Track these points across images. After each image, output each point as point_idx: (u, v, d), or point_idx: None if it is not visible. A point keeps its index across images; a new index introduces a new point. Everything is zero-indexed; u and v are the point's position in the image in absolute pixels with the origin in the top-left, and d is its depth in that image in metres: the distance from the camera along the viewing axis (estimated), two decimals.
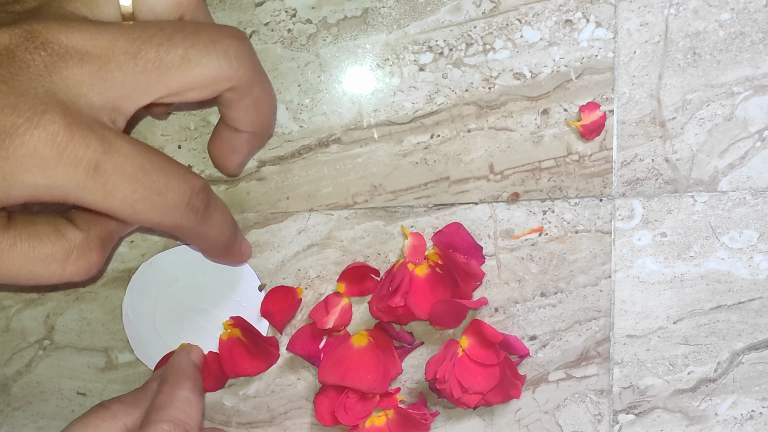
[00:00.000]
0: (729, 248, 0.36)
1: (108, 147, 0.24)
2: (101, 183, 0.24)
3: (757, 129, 0.35)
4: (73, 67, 0.24)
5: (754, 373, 0.37)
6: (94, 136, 0.24)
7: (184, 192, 0.26)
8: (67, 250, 0.27)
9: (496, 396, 0.35)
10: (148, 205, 0.25)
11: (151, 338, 0.36)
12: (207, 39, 0.26)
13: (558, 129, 0.34)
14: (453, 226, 0.35)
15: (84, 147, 0.23)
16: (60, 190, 0.24)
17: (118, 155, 0.24)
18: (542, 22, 0.34)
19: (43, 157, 0.23)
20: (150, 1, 0.26)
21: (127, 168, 0.24)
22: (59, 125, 0.23)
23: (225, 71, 0.26)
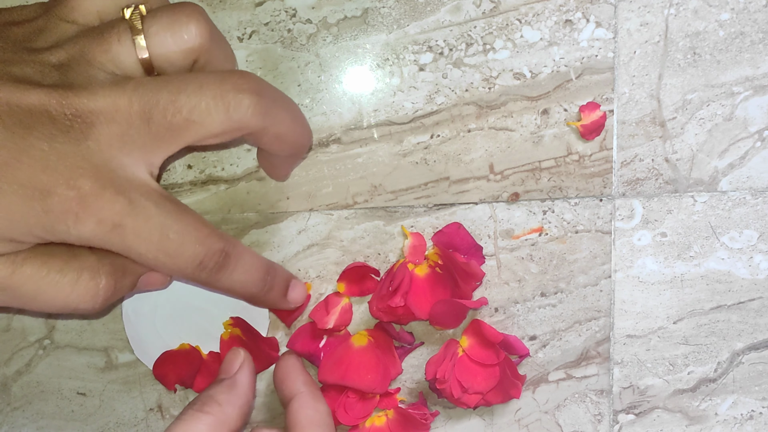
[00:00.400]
0: (729, 248, 0.36)
1: (132, 209, 0.27)
2: (121, 239, 0.27)
3: (757, 129, 0.35)
4: (102, 132, 0.26)
5: (754, 373, 0.37)
6: (121, 198, 0.26)
7: (195, 256, 0.28)
8: (77, 270, 0.28)
9: (496, 396, 0.35)
10: (159, 264, 0.28)
11: (151, 338, 0.36)
12: (210, 95, 0.27)
13: (558, 129, 0.34)
14: (453, 226, 0.35)
15: (109, 208, 0.26)
16: (86, 240, 0.27)
17: (139, 217, 0.27)
18: (542, 22, 0.34)
19: (76, 214, 0.26)
20: (164, 50, 0.28)
21: (144, 230, 0.27)
22: (90, 188, 0.26)
23: (231, 125, 0.28)
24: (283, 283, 0.33)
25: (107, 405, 0.37)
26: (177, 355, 0.36)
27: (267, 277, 0.32)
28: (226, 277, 0.30)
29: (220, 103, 0.27)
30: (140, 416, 0.37)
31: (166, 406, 0.37)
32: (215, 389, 0.31)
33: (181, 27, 0.28)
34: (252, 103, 0.28)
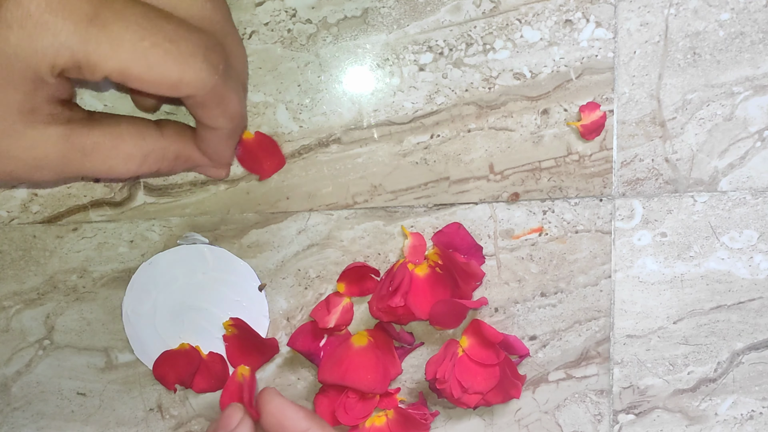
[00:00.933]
0: (729, 248, 0.36)
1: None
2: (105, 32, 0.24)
3: (757, 129, 0.35)
4: None
5: (754, 373, 0.37)
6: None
7: (197, 42, 0.26)
8: (146, 153, 0.29)
9: (496, 396, 0.35)
10: (161, 53, 0.25)
11: (151, 338, 0.36)
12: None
13: (558, 129, 0.34)
14: (453, 226, 0.35)
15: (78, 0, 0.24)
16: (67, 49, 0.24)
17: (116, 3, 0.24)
18: (542, 22, 0.34)
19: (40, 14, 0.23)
20: None
21: (128, 15, 0.25)
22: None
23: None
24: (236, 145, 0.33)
25: (107, 405, 0.37)
26: (177, 355, 0.36)
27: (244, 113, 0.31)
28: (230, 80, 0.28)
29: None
30: (140, 416, 0.37)
31: (166, 406, 0.37)
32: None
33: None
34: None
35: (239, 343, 0.35)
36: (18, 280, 0.36)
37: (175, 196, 0.35)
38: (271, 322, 0.36)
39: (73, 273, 0.36)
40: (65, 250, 0.35)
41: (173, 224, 0.35)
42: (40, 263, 0.35)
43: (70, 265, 0.35)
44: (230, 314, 0.36)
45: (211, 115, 0.28)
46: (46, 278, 0.36)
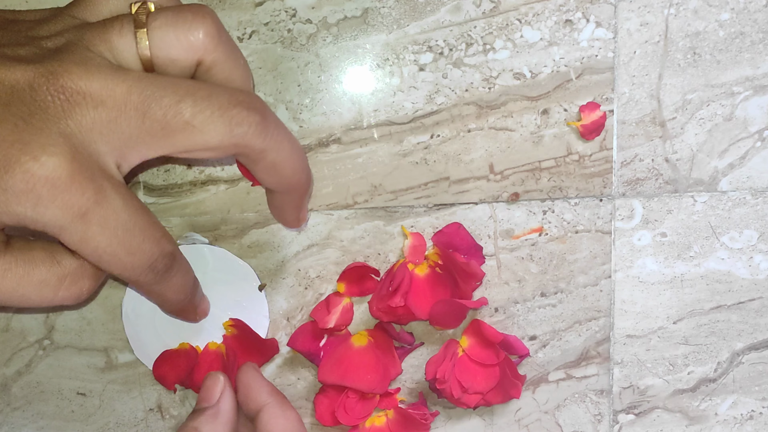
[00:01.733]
0: (729, 248, 0.36)
1: (101, 198, 0.25)
2: (82, 230, 0.25)
3: (757, 129, 0.35)
4: (87, 113, 0.25)
5: (754, 373, 0.37)
6: (92, 185, 0.25)
7: (151, 254, 0.27)
8: (61, 277, 0.28)
9: (496, 396, 0.35)
10: (114, 260, 0.26)
11: (150, 338, 0.36)
12: (216, 106, 0.26)
13: (558, 129, 0.34)
14: (453, 226, 0.35)
15: (79, 194, 0.24)
16: (43, 225, 0.25)
17: (107, 208, 0.25)
18: (542, 22, 0.34)
19: (38, 195, 0.24)
20: (166, 47, 0.26)
21: (110, 222, 0.25)
22: (63, 169, 0.24)
23: (228, 140, 0.26)
24: (200, 294, 0.33)
25: (107, 405, 0.37)
26: (176, 355, 0.36)
27: (195, 283, 0.31)
28: (168, 280, 0.29)
29: (225, 116, 0.26)
30: (140, 416, 0.37)
31: (166, 406, 0.37)
32: (199, 420, 0.31)
33: (185, 24, 0.26)
34: (256, 122, 0.27)
35: (239, 343, 0.35)
36: None
37: (175, 196, 0.35)
38: (271, 322, 0.36)
39: None
40: None
41: (173, 224, 0.35)
42: None
43: None
44: (230, 314, 0.36)
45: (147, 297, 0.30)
46: None
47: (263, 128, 0.27)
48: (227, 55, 0.28)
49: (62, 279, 0.28)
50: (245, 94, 0.27)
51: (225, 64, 0.28)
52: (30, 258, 0.27)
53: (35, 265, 0.27)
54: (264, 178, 0.29)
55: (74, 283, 0.28)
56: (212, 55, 0.27)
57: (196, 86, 0.26)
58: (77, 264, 0.28)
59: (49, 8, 0.29)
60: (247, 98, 0.27)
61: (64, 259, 0.28)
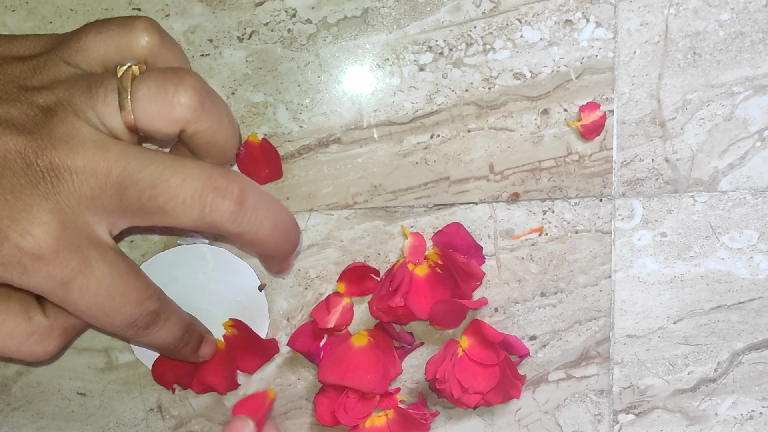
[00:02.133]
0: (729, 248, 0.36)
1: (85, 268, 0.26)
2: (64, 295, 0.26)
3: (757, 129, 0.35)
4: (74, 189, 0.26)
5: (754, 373, 0.37)
6: (77, 257, 0.26)
7: (131, 316, 0.28)
8: (29, 333, 0.29)
9: (496, 396, 0.35)
10: (94, 320, 0.28)
11: None
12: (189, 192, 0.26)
13: (558, 129, 0.34)
14: (453, 226, 0.35)
15: (63, 266, 0.26)
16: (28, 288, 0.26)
17: (90, 277, 0.26)
18: (542, 22, 0.34)
19: (25, 267, 0.25)
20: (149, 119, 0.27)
21: (92, 289, 0.27)
22: (48, 246, 0.25)
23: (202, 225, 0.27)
24: (197, 340, 0.33)
25: (107, 405, 0.37)
26: None
27: (185, 334, 0.32)
28: (150, 335, 0.30)
29: (198, 203, 0.26)
30: (140, 416, 0.37)
31: (166, 407, 0.37)
32: None
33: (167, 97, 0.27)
34: (230, 211, 0.27)
35: (239, 343, 0.35)
36: None
37: None
38: (271, 322, 0.36)
39: None
40: None
41: None
42: None
43: None
44: (230, 314, 0.36)
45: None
46: None
47: (237, 215, 0.27)
48: (210, 123, 0.28)
49: (30, 335, 0.29)
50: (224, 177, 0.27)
51: (207, 131, 0.28)
52: (5, 308, 0.29)
53: (7, 315, 0.29)
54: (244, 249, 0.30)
55: (40, 342, 0.30)
56: (194, 126, 0.28)
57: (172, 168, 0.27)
58: (47, 324, 0.29)
59: (41, 37, 0.29)
60: (224, 183, 0.27)
61: (36, 316, 0.29)
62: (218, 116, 0.28)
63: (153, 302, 0.29)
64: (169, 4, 0.34)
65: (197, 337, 0.33)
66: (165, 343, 0.31)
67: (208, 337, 0.34)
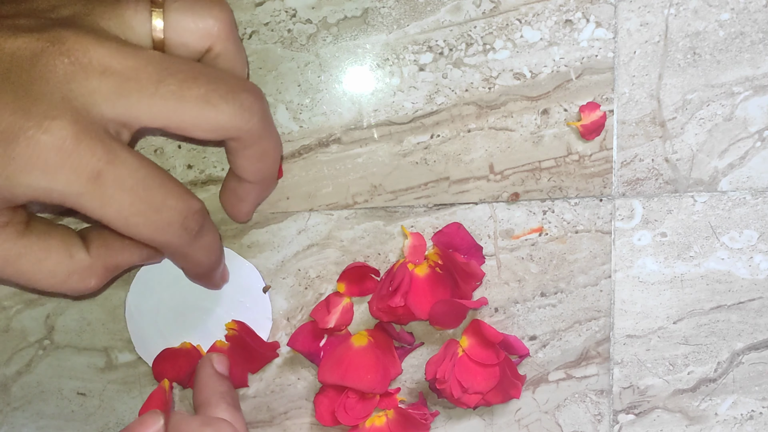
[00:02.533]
0: (729, 248, 0.36)
1: (113, 157, 0.24)
2: (100, 192, 0.25)
3: (757, 129, 0.35)
4: (92, 79, 0.24)
5: (754, 373, 0.37)
6: (101, 145, 0.24)
7: (180, 211, 0.27)
8: (71, 271, 0.28)
9: (496, 396, 0.35)
10: (142, 220, 0.26)
11: (153, 336, 0.36)
12: (227, 88, 0.27)
13: (558, 129, 0.34)
14: (453, 226, 0.35)
15: (89, 155, 0.24)
16: (60, 194, 0.24)
17: (121, 167, 0.25)
18: (542, 22, 0.34)
19: (47, 161, 0.23)
20: (180, 30, 0.27)
21: (128, 180, 0.25)
22: (68, 132, 0.23)
23: (237, 121, 0.27)
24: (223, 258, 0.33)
25: (107, 405, 0.37)
26: (177, 354, 0.36)
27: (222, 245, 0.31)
28: (203, 240, 0.28)
29: (237, 99, 0.27)
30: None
31: None
32: None
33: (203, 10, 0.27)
34: (262, 110, 0.28)
35: (239, 345, 0.35)
36: None
37: None
38: (272, 323, 0.36)
39: None
40: None
41: None
42: None
43: None
44: (233, 315, 0.35)
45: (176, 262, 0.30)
46: None
47: (267, 116, 0.28)
48: (236, 47, 0.28)
49: (71, 273, 0.28)
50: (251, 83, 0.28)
51: (231, 54, 0.28)
52: (46, 246, 0.27)
53: (49, 253, 0.27)
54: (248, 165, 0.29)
55: (82, 280, 0.28)
56: (223, 44, 0.28)
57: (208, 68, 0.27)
58: (89, 261, 0.28)
59: None
60: (253, 87, 0.28)
61: (78, 253, 0.28)
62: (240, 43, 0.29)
63: (195, 198, 0.28)
64: None
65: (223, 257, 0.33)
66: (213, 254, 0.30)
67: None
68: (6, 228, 0.27)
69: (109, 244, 0.30)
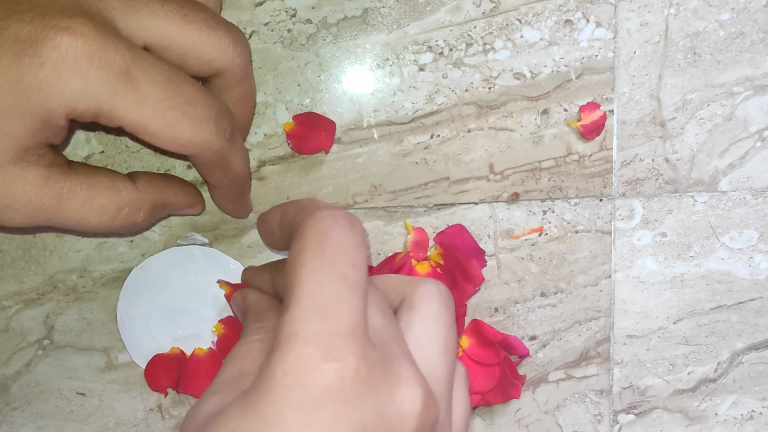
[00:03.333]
0: (729, 248, 0.36)
1: (136, 55, 0.25)
2: (133, 87, 0.25)
3: (757, 129, 0.35)
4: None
5: (754, 373, 0.37)
6: (122, 43, 0.25)
7: (211, 107, 0.27)
8: (120, 206, 0.28)
9: (496, 396, 0.35)
10: (179, 114, 0.26)
11: (147, 341, 0.36)
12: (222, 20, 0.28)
13: (558, 129, 0.34)
14: (455, 227, 0.35)
15: (114, 51, 0.24)
16: (94, 96, 0.24)
17: (146, 63, 0.25)
18: (542, 22, 0.34)
19: (76, 59, 0.24)
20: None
21: (156, 75, 0.25)
22: (88, 28, 0.24)
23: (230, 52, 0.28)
24: None
25: (107, 405, 0.37)
26: (168, 359, 0.36)
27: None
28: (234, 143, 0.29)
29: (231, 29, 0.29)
30: (140, 416, 0.37)
31: (166, 407, 0.37)
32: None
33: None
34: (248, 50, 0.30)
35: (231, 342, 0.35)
36: (18, 279, 0.36)
37: None
38: None
39: (73, 273, 0.36)
40: (65, 249, 0.35)
41: (173, 224, 0.35)
42: (40, 263, 0.35)
43: (70, 265, 0.35)
44: (224, 314, 0.35)
45: (214, 175, 0.30)
46: (46, 278, 0.36)
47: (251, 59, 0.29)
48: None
49: (121, 208, 0.28)
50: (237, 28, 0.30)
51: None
52: (93, 183, 0.28)
53: (98, 190, 0.28)
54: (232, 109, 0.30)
55: (131, 214, 0.29)
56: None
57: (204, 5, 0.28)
58: (137, 195, 0.29)
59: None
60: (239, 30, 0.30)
61: (125, 188, 0.29)
62: None
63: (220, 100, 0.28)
64: None
65: None
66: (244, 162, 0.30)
67: None
68: (52, 167, 0.27)
69: (155, 182, 0.30)
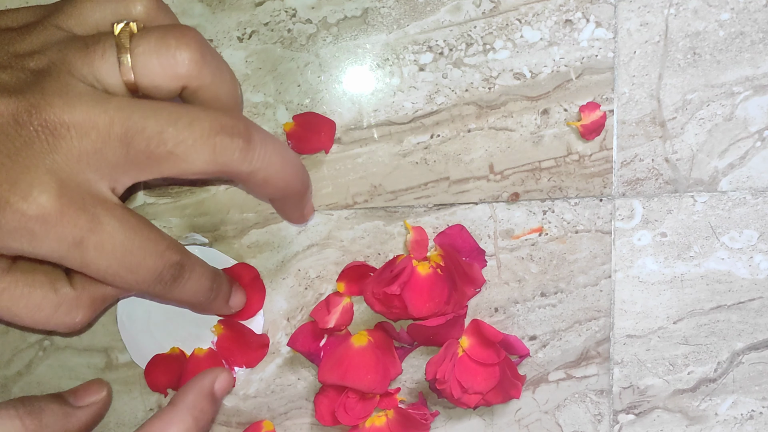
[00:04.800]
0: (729, 248, 0.36)
1: (95, 225, 0.26)
2: (80, 256, 0.26)
3: (757, 129, 0.35)
4: (72, 145, 0.25)
5: (754, 373, 0.37)
6: (84, 215, 0.25)
7: (155, 269, 0.28)
8: (56, 305, 0.29)
9: (496, 396, 0.35)
10: (118, 279, 0.27)
11: (147, 342, 0.36)
12: (198, 134, 0.26)
13: (558, 129, 0.34)
14: (455, 228, 0.35)
15: (71, 226, 0.25)
16: (42, 256, 0.26)
17: (102, 233, 0.26)
18: (542, 22, 0.34)
19: (32, 231, 0.25)
20: (150, 74, 0.26)
21: (107, 246, 0.26)
22: (52, 206, 0.25)
23: (213, 167, 0.26)
24: (227, 290, 0.33)
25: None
26: (168, 360, 0.36)
27: (214, 285, 0.31)
28: (180, 287, 0.29)
29: (209, 143, 0.26)
30: (140, 416, 0.37)
31: None
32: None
33: (168, 51, 0.26)
34: (239, 149, 0.26)
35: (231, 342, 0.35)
36: None
37: (175, 197, 0.35)
38: (271, 322, 0.36)
39: None
40: None
41: (173, 225, 0.35)
42: None
43: None
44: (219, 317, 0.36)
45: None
46: None
47: (247, 153, 0.27)
48: (212, 77, 0.28)
49: (57, 307, 0.29)
50: (229, 117, 0.27)
51: (210, 86, 0.28)
52: (31, 281, 0.28)
53: (34, 288, 0.28)
54: (256, 192, 0.30)
55: (68, 313, 0.29)
56: (197, 81, 0.27)
57: (178, 113, 0.26)
58: (74, 295, 0.29)
59: (34, 8, 0.29)
60: (230, 122, 0.27)
61: (62, 287, 0.29)
62: (219, 71, 0.28)
63: (174, 253, 0.28)
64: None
65: (226, 286, 0.33)
66: (196, 296, 0.30)
67: (235, 286, 0.34)
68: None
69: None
